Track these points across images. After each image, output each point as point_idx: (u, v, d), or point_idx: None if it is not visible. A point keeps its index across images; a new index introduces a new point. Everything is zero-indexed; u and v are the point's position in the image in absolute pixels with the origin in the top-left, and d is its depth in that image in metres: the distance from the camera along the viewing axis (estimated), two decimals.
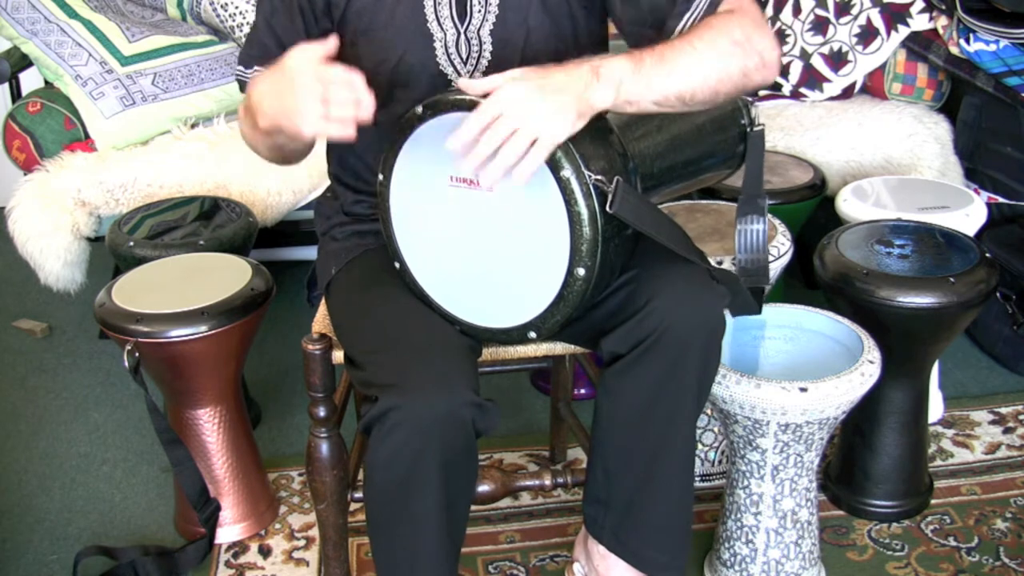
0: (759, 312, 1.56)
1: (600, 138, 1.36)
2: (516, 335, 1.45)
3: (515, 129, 1.26)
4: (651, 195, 1.52)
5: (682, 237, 1.44)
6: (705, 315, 1.43)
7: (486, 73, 1.52)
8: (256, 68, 1.55)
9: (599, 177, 1.31)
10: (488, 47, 1.52)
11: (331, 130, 1.28)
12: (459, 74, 1.53)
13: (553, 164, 1.30)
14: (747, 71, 1.40)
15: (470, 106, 1.30)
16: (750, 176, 1.61)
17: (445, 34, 1.51)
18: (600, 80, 1.31)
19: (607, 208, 1.31)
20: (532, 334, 1.44)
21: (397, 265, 1.50)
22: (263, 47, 1.55)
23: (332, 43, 1.32)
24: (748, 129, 1.62)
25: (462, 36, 1.52)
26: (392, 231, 1.49)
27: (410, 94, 1.52)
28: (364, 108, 1.28)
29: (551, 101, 1.27)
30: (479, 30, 1.51)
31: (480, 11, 1.51)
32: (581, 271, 1.34)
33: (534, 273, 1.38)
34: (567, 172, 1.30)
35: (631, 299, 1.44)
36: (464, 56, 1.53)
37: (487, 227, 1.40)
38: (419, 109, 1.38)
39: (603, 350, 1.46)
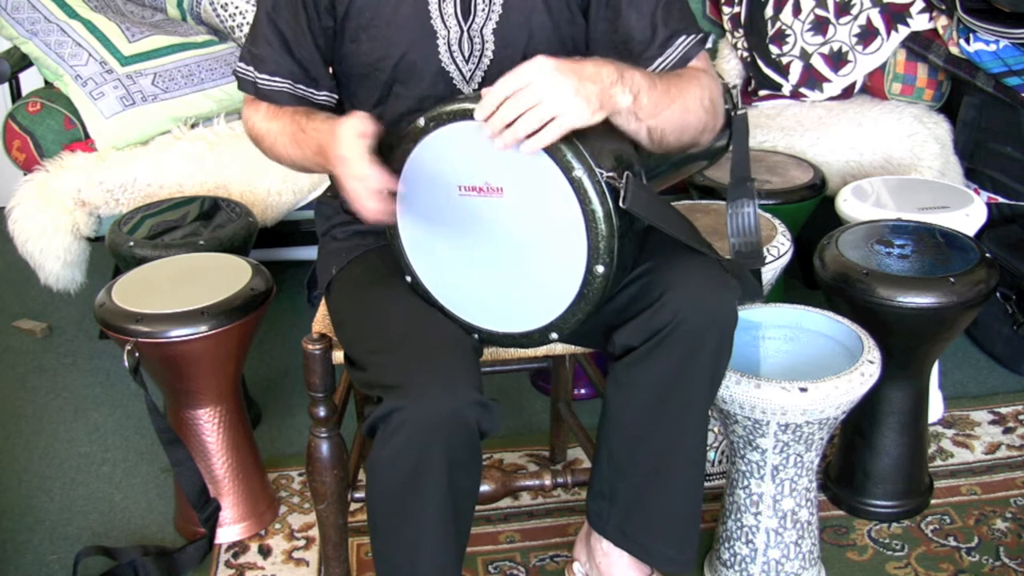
0: (763, 296, 1.57)
1: (606, 135, 1.36)
2: (537, 337, 1.45)
3: (538, 102, 1.27)
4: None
5: (691, 229, 1.45)
6: (719, 308, 1.44)
7: (487, 72, 1.53)
8: (263, 75, 1.56)
9: (610, 174, 1.31)
10: (491, 46, 1.52)
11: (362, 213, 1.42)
12: (461, 72, 1.53)
13: (564, 165, 1.30)
14: (705, 130, 1.49)
15: (472, 115, 1.31)
16: (737, 160, 1.62)
17: (448, 32, 1.51)
18: (623, 83, 1.33)
19: (620, 204, 1.31)
20: (554, 335, 1.44)
21: (409, 279, 1.49)
22: (266, 43, 1.55)
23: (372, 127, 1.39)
24: (732, 113, 1.62)
25: (465, 34, 1.52)
26: (402, 246, 1.48)
27: (410, 91, 1.53)
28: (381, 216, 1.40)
29: (579, 85, 1.28)
30: (482, 28, 1.52)
31: (484, 10, 1.51)
32: (600, 268, 1.34)
33: (552, 274, 1.38)
34: (579, 172, 1.30)
35: (644, 292, 1.44)
36: (466, 54, 1.53)
37: (501, 234, 1.39)
38: (421, 122, 1.37)
39: (615, 343, 1.47)
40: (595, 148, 1.32)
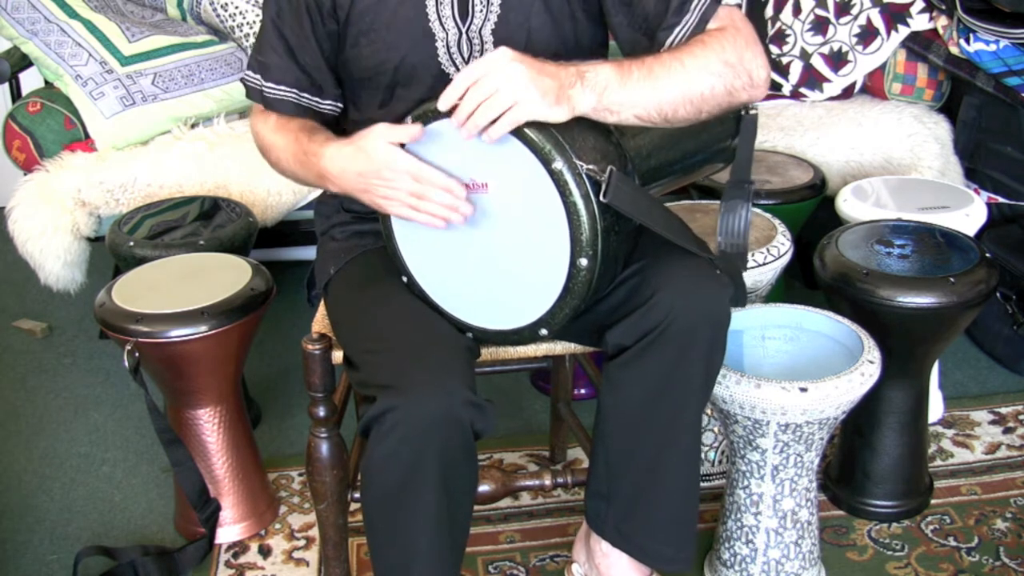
0: (744, 304, 1.57)
1: (591, 131, 1.36)
2: (527, 334, 1.46)
3: (495, 90, 1.28)
4: (648, 190, 1.52)
5: (681, 227, 1.44)
6: (711, 307, 1.43)
7: None
8: (269, 83, 1.56)
9: (591, 167, 1.32)
10: (489, 47, 1.52)
11: (418, 219, 1.40)
12: None
13: (544, 157, 1.31)
14: (733, 90, 1.42)
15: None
16: (740, 161, 1.61)
17: (447, 34, 1.52)
18: (583, 84, 1.33)
19: (601, 197, 1.32)
20: (543, 331, 1.44)
21: (405, 279, 1.50)
22: (272, 50, 1.55)
23: (415, 131, 1.37)
24: (742, 113, 1.62)
25: (463, 36, 1.52)
26: (396, 246, 1.49)
27: (411, 93, 1.53)
28: (459, 215, 1.37)
29: (535, 76, 1.29)
30: (480, 30, 1.52)
31: (482, 11, 1.51)
32: (584, 261, 1.34)
33: (539, 269, 1.39)
34: (558, 164, 1.31)
35: (636, 291, 1.44)
36: (466, 56, 1.53)
37: (488, 230, 1.40)
38: (409, 121, 1.38)
39: (608, 343, 1.47)
40: (577, 142, 1.32)
